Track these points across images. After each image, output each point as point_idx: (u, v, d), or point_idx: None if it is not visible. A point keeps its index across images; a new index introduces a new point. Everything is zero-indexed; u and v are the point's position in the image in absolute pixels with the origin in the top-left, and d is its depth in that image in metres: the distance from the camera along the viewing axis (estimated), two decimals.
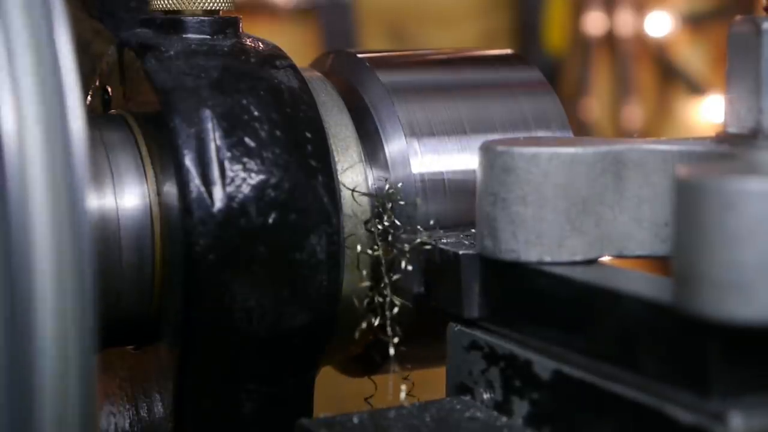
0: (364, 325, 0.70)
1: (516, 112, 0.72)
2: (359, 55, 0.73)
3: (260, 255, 0.62)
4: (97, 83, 0.72)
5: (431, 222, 0.68)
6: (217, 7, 0.69)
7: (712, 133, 0.64)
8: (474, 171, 0.63)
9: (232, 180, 0.62)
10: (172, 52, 0.66)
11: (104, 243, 0.62)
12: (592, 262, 0.59)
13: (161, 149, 0.64)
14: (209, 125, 0.63)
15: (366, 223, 0.68)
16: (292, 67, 0.68)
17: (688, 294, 0.49)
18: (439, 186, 0.69)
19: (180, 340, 0.63)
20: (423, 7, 2.32)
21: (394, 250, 0.68)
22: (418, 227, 0.68)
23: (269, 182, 0.63)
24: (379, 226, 0.69)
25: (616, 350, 0.53)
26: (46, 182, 0.47)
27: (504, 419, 0.60)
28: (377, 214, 0.69)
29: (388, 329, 0.70)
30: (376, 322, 0.70)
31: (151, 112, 0.65)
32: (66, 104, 0.47)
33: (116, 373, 0.71)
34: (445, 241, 0.66)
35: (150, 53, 0.66)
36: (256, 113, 0.64)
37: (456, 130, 0.70)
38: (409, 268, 0.68)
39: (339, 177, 0.68)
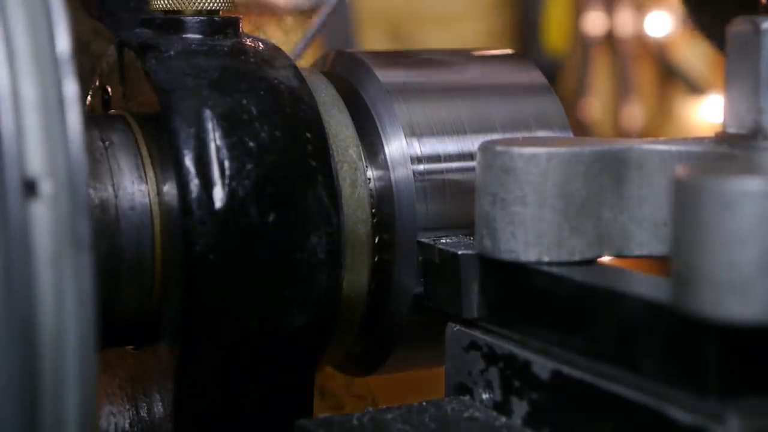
0: (363, 325, 0.70)
1: (516, 113, 0.72)
2: (359, 55, 0.73)
3: (260, 255, 0.62)
4: (97, 83, 0.72)
5: (430, 222, 0.68)
6: (217, 7, 0.69)
7: (711, 133, 0.64)
8: (474, 171, 0.63)
9: (232, 180, 0.62)
10: (172, 52, 0.66)
11: (104, 243, 0.63)
12: (591, 262, 0.59)
13: (161, 149, 0.64)
14: (209, 125, 0.63)
15: (366, 222, 0.68)
16: (292, 67, 0.68)
17: (686, 294, 0.49)
18: (439, 186, 0.69)
19: (180, 340, 0.63)
20: (423, 7, 2.32)
21: (394, 250, 0.68)
22: (418, 227, 0.68)
23: (269, 182, 0.63)
24: (379, 226, 0.69)
25: (615, 350, 0.54)
26: (46, 182, 0.47)
27: (503, 419, 0.60)
28: (377, 214, 0.69)
29: (388, 329, 0.70)
30: (376, 322, 0.70)
31: (151, 112, 0.65)
32: (65, 105, 0.48)
33: (116, 373, 0.71)
34: (444, 241, 0.67)
35: (150, 53, 0.66)
36: (256, 113, 0.64)
37: (456, 130, 0.70)
38: (409, 268, 0.68)
39: (339, 177, 0.68)
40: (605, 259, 0.60)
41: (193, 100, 0.63)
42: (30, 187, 0.46)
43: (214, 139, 0.63)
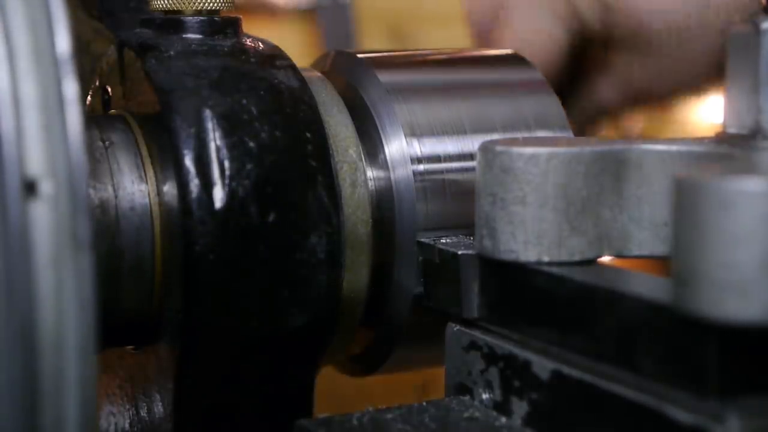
0: (363, 325, 0.70)
1: (516, 113, 0.72)
2: (359, 55, 0.73)
3: (260, 255, 0.62)
4: (97, 83, 0.72)
5: (430, 222, 0.68)
6: (217, 7, 0.69)
7: (711, 133, 0.64)
8: (474, 171, 0.63)
9: (232, 180, 0.62)
10: (172, 52, 0.66)
11: (104, 243, 0.63)
12: (591, 262, 0.59)
13: (161, 149, 0.64)
14: (209, 125, 0.63)
15: (366, 222, 0.68)
16: (292, 67, 0.68)
17: (686, 294, 0.49)
18: (439, 186, 0.69)
19: (180, 340, 0.63)
20: (423, 7, 2.32)
21: (394, 250, 0.68)
22: (418, 227, 0.68)
23: (269, 182, 0.63)
24: (379, 226, 0.69)
25: (615, 350, 0.54)
26: (46, 182, 0.47)
27: (503, 419, 0.60)
28: (377, 214, 0.69)
29: (388, 329, 0.70)
30: (376, 323, 0.70)
31: (151, 112, 0.65)
32: (65, 105, 0.48)
33: (116, 373, 0.71)
34: (444, 241, 0.67)
35: (150, 53, 0.66)
36: (256, 113, 0.64)
37: (456, 130, 0.70)
38: (409, 268, 0.68)
39: (339, 177, 0.68)
40: (605, 259, 0.60)
41: (193, 100, 0.63)
42: (30, 188, 0.46)
43: (214, 139, 0.63)
